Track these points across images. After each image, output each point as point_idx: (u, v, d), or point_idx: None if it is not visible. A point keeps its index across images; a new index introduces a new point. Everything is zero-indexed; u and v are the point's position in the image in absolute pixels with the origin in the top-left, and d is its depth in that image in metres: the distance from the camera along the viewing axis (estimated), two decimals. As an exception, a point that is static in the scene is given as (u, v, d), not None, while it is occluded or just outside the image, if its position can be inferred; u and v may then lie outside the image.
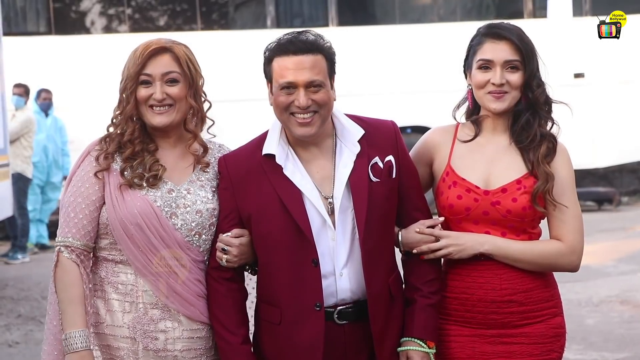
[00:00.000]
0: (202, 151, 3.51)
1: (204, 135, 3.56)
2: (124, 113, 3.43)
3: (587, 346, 7.47)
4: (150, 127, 3.46)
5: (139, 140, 3.44)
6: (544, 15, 15.06)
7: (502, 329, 3.50)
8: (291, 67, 3.32)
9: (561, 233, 3.51)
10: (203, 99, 3.52)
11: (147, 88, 3.41)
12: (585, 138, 14.37)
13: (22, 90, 12.50)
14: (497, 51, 3.49)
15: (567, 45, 14.18)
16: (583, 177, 15.42)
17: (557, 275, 3.62)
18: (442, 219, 3.53)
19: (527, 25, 3.65)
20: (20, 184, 12.10)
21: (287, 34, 3.39)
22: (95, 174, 3.41)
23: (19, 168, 12.13)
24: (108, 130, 3.48)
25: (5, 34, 12.11)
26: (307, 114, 3.33)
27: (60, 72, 13.67)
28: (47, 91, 13.00)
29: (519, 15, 14.75)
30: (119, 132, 3.45)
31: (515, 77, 3.50)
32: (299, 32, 3.38)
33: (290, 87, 3.33)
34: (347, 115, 3.49)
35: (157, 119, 3.42)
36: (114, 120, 3.47)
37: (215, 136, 3.59)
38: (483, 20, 4.49)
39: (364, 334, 3.41)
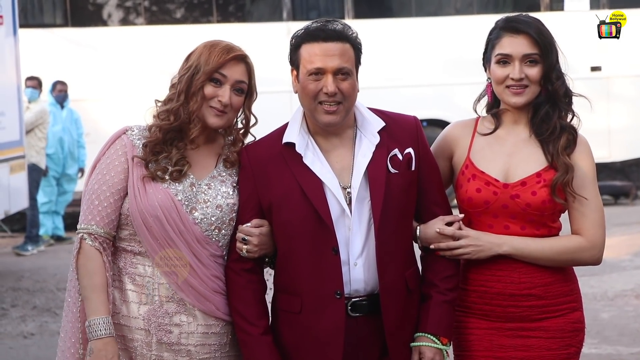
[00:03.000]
0: (235, 157, 3.52)
1: None
2: (192, 109, 3.40)
3: (602, 340, 7.45)
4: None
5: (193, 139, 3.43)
6: (561, 8, 15.00)
7: (521, 323, 3.49)
8: (320, 54, 3.31)
9: (581, 227, 3.50)
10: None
11: (216, 88, 3.42)
12: (601, 131, 14.31)
13: (35, 83, 12.53)
14: (515, 45, 3.47)
15: (583, 39, 14.08)
16: (599, 170, 15.15)
17: (571, 269, 3.61)
18: (462, 215, 3.52)
19: (543, 18, 3.63)
20: (34, 175, 12.12)
21: (315, 21, 3.38)
22: (132, 158, 3.40)
23: (34, 159, 12.16)
24: (159, 118, 3.44)
25: (22, 26, 12.15)
26: (333, 102, 3.33)
27: (76, 64, 13.71)
28: (63, 83, 13.02)
29: (536, 8, 14.68)
30: (175, 124, 3.40)
31: (534, 71, 3.47)
32: (327, 20, 3.37)
33: (319, 73, 3.32)
34: (369, 108, 3.48)
35: (213, 119, 3.44)
36: (175, 113, 3.41)
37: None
38: (500, 14, 4.46)
39: (377, 328, 3.40)
